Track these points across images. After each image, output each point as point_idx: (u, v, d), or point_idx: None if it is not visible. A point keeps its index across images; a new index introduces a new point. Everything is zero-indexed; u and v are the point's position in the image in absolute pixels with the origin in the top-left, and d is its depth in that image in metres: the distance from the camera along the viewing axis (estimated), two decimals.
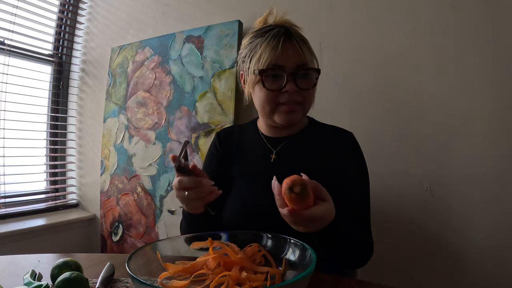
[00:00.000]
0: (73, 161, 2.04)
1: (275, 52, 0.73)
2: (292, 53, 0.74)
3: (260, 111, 0.81)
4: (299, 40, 0.76)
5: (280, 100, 0.75)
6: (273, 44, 0.74)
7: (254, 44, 0.78)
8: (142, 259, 0.53)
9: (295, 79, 0.74)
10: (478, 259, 1.10)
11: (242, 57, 0.82)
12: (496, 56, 1.08)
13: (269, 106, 0.77)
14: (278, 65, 0.74)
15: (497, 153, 1.08)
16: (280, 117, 0.77)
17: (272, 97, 0.75)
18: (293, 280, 0.43)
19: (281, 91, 0.74)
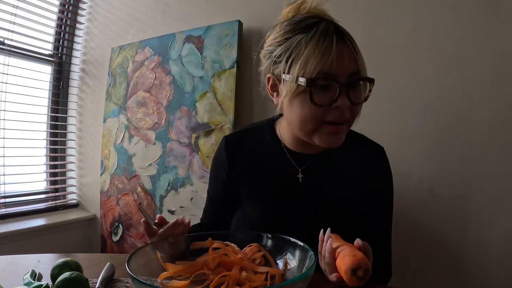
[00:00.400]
0: (73, 161, 2.04)
1: (328, 57, 0.57)
2: (348, 58, 0.59)
3: (297, 127, 0.64)
4: (353, 41, 0.62)
5: (328, 117, 0.60)
6: (325, 45, 0.58)
7: (294, 42, 0.61)
8: (142, 259, 0.53)
9: (348, 91, 0.60)
10: (478, 259, 1.10)
11: (275, 56, 0.64)
12: (496, 56, 1.08)
13: (312, 125, 0.61)
14: (330, 74, 0.58)
15: (497, 153, 1.08)
16: (323, 139, 0.62)
17: (319, 114, 0.60)
18: (293, 280, 0.43)
19: (330, 106, 0.59)
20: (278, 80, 0.65)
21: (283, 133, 0.74)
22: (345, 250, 0.49)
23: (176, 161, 1.56)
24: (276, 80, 0.66)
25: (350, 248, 0.49)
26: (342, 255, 0.48)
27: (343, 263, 0.46)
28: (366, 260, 0.45)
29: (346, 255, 0.47)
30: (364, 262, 0.45)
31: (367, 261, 0.45)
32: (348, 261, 0.45)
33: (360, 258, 0.45)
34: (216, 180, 0.81)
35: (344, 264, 0.45)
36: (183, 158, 1.53)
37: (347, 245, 0.50)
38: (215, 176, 0.81)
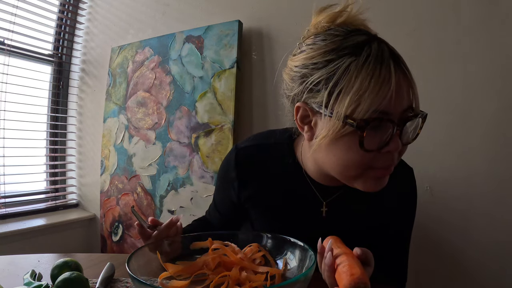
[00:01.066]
0: (73, 161, 2.04)
1: (387, 92, 0.46)
2: (406, 93, 0.49)
3: (335, 171, 0.55)
4: (406, 68, 0.50)
5: (376, 163, 0.51)
6: (382, 76, 0.46)
7: (340, 67, 0.48)
8: (142, 259, 0.53)
9: (401, 131, 0.50)
10: (478, 259, 1.10)
11: (311, 83, 0.51)
12: (496, 56, 1.08)
13: (357, 171, 0.52)
14: (385, 112, 0.47)
15: (497, 153, 1.08)
16: (367, 184, 0.53)
17: (366, 160, 0.50)
18: (293, 280, 0.43)
19: (380, 151, 0.49)
20: (313, 112, 0.53)
21: (305, 160, 0.63)
22: (344, 263, 0.46)
23: (176, 161, 1.56)
24: (309, 111, 0.53)
25: (349, 261, 0.46)
26: (340, 270, 0.46)
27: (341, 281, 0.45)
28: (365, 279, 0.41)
29: (344, 272, 0.44)
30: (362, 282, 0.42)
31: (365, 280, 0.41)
32: (346, 281, 0.43)
33: (357, 277, 0.42)
34: (224, 196, 0.74)
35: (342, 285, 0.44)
36: (183, 158, 1.54)
37: (346, 255, 0.48)
38: (223, 192, 0.74)
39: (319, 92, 0.50)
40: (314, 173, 0.63)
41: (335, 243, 0.52)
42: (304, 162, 0.63)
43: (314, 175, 0.63)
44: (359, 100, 0.46)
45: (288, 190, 0.66)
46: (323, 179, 0.63)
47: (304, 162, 0.63)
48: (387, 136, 0.49)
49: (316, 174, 0.62)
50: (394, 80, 0.46)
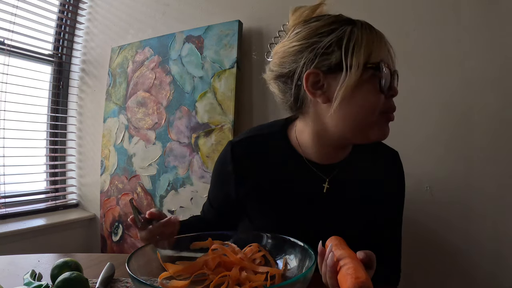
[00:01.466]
0: (73, 161, 2.04)
1: (384, 45, 0.59)
2: (391, 52, 0.61)
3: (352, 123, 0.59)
4: None
5: (386, 106, 0.60)
6: (378, 36, 0.59)
7: (346, 31, 0.58)
8: (142, 259, 0.53)
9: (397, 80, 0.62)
10: (478, 259, 1.10)
11: (322, 47, 0.58)
12: (496, 55, 1.08)
13: (373, 115, 0.59)
14: (386, 63, 0.58)
15: (497, 153, 1.08)
16: (381, 130, 0.60)
17: (382, 103, 0.59)
18: (293, 280, 0.43)
19: (386, 96, 0.60)
20: (325, 74, 0.58)
21: (302, 142, 0.67)
22: (348, 265, 0.46)
23: (176, 161, 1.56)
24: (321, 75, 0.58)
25: (354, 264, 0.46)
26: (344, 273, 0.46)
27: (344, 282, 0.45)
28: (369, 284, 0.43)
29: (349, 275, 0.44)
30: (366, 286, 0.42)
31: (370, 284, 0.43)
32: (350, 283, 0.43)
33: (362, 281, 0.43)
34: (220, 192, 0.75)
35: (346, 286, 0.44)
36: (183, 158, 1.54)
37: (350, 258, 0.48)
38: (219, 187, 0.75)
39: (332, 53, 0.57)
40: (311, 152, 0.66)
41: (339, 244, 0.52)
42: (301, 143, 0.67)
43: (311, 155, 0.67)
44: (370, 49, 0.56)
45: (286, 174, 0.68)
46: (320, 157, 0.66)
47: (301, 144, 0.67)
48: (391, 81, 0.58)
49: (314, 154, 0.66)
50: (385, 40, 0.59)
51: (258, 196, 0.69)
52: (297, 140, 0.68)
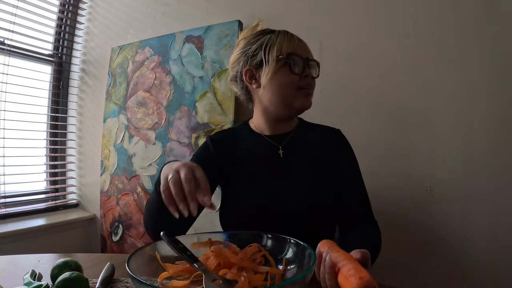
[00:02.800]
0: (73, 161, 2.04)
1: (294, 42, 0.80)
2: (303, 46, 0.82)
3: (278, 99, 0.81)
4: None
5: (301, 83, 0.79)
6: (289, 36, 0.81)
7: (266, 38, 0.81)
8: (142, 259, 0.53)
9: (310, 67, 0.81)
10: (478, 259, 1.10)
11: (252, 51, 0.82)
12: (496, 56, 1.08)
13: (291, 90, 0.79)
14: (297, 54, 0.79)
15: (497, 153, 1.08)
16: (300, 101, 0.80)
17: (296, 81, 0.79)
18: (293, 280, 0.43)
19: (301, 76, 0.79)
20: (255, 69, 0.82)
21: (257, 123, 0.89)
22: (347, 266, 0.46)
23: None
24: (254, 70, 0.83)
25: (353, 265, 0.46)
26: (345, 274, 0.46)
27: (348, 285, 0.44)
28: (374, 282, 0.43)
29: (352, 276, 0.44)
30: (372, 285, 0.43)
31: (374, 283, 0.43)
32: (355, 284, 0.43)
33: (367, 281, 0.43)
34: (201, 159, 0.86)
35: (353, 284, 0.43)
36: (183, 158, 1.53)
37: (347, 259, 0.48)
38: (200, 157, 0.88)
39: (257, 54, 0.82)
40: (264, 128, 0.87)
41: (332, 247, 0.52)
42: (257, 126, 0.89)
43: (265, 130, 0.87)
44: (281, 46, 0.79)
45: (251, 147, 0.87)
46: (271, 130, 0.87)
47: (256, 125, 0.89)
48: (303, 66, 0.80)
49: (266, 128, 0.87)
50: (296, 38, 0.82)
51: (233, 167, 0.86)
52: (253, 124, 0.90)
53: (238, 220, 0.81)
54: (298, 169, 0.83)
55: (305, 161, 0.84)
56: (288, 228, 0.64)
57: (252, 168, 0.85)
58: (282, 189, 0.80)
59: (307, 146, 0.86)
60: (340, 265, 0.48)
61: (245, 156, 0.87)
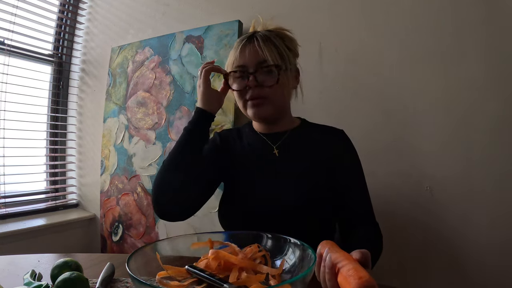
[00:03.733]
0: (73, 161, 2.04)
1: (235, 53, 0.80)
2: (250, 52, 0.79)
3: (241, 109, 0.85)
4: (261, 39, 0.79)
5: (247, 95, 0.80)
6: (236, 48, 0.82)
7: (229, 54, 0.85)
8: (142, 259, 0.53)
9: (256, 76, 0.78)
10: (478, 259, 1.10)
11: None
12: (496, 56, 1.08)
13: (240, 103, 0.83)
14: (241, 66, 0.79)
15: (497, 153, 1.08)
16: (251, 111, 0.81)
17: (240, 95, 0.81)
18: (293, 280, 0.43)
19: (245, 89, 0.80)
20: None
21: (254, 124, 0.92)
22: (347, 267, 0.46)
23: None
24: None
25: (353, 265, 0.46)
26: (345, 275, 0.46)
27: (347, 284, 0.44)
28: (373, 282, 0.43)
29: (351, 276, 0.44)
30: (371, 285, 0.43)
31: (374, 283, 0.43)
32: (355, 284, 0.43)
33: (366, 280, 0.43)
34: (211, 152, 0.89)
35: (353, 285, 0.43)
36: None
37: (347, 260, 0.48)
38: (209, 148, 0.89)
39: None
40: (261, 128, 0.89)
41: (332, 247, 0.52)
42: (254, 126, 0.91)
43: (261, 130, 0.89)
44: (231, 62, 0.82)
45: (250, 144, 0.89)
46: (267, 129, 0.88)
47: (254, 125, 0.91)
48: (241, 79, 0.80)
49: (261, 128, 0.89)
50: (240, 47, 0.80)
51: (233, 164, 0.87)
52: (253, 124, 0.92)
53: (235, 220, 0.82)
54: (293, 169, 0.82)
55: (302, 161, 0.83)
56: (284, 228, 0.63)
57: (249, 167, 0.86)
58: (277, 188, 0.80)
59: (305, 146, 0.85)
60: (340, 265, 0.48)
61: (243, 154, 0.88)
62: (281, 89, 0.80)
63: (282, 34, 0.84)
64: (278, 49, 0.79)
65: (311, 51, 1.34)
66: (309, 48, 1.33)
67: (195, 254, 0.59)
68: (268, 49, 0.78)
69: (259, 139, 0.88)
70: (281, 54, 0.80)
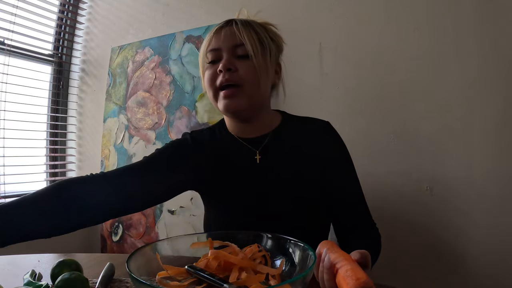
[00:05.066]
0: (73, 161, 2.04)
1: (209, 36, 0.74)
2: (226, 34, 0.72)
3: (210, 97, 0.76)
4: (240, 23, 0.73)
5: (217, 82, 0.71)
6: (211, 32, 0.75)
7: None
8: (142, 259, 0.53)
9: (229, 59, 0.71)
10: (478, 259, 1.10)
11: None
12: (496, 56, 1.08)
13: (210, 91, 0.74)
14: (214, 49, 0.72)
15: (497, 153, 1.08)
16: (221, 103, 0.72)
17: (211, 80, 0.72)
18: (293, 280, 0.43)
19: (217, 73, 0.71)
20: None
21: (228, 126, 0.81)
22: (345, 267, 0.46)
23: None
24: None
25: (351, 266, 0.46)
26: (343, 275, 0.46)
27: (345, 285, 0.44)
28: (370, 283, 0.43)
29: (349, 277, 0.44)
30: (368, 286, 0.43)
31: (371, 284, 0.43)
32: (352, 285, 0.43)
33: (363, 282, 0.43)
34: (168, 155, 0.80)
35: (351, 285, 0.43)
36: None
37: (345, 260, 0.48)
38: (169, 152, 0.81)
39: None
40: (239, 132, 0.79)
41: (332, 248, 0.52)
42: (228, 127, 0.80)
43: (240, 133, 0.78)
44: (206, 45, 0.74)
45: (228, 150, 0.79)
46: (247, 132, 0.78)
47: (229, 128, 0.80)
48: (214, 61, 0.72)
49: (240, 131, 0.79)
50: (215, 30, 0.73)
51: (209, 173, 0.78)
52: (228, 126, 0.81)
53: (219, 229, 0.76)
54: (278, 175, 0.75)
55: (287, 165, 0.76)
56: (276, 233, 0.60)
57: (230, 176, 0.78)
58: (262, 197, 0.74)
59: (289, 147, 0.77)
60: (338, 265, 0.48)
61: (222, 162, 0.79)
62: (257, 77, 0.70)
63: (267, 26, 0.78)
64: (258, 35, 0.73)
65: (311, 51, 1.34)
66: (309, 48, 1.33)
67: (195, 254, 0.59)
68: (246, 32, 0.71)
69: (237, 145, 0.78)
70: (261, 41, 0.73)
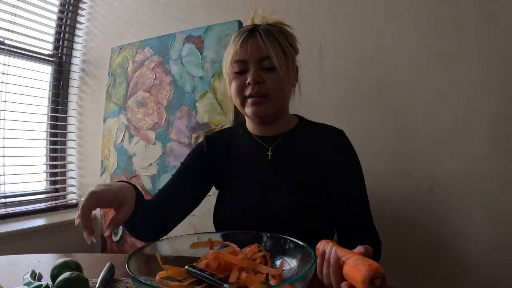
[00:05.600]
0: (73, 161, 2.04)
1: (235, 47, 0.77)
2: (252, 46, 0.76)
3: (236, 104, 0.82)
4: (264, 34, 0.77)
5: (246, 92, 0.77)
6: (236, 41, 0.79)
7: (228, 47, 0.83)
8: (142, 259, 0.53)
9: (257, 72, 0.76)
10: (478, 259, 1.10)
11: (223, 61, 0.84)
12: (496, 56, 1.08)
13: (238, 99, 0.79)
14: (241, 60, 0.77)
15: (497, 153, 1.08)
16: (249, 110, 0.78)
17: (239, 90, 0.78)
18: (293, 280, 0.43)
19: (245, 84, 0.76)
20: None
21: (248, 123, 0.88)
22: (353, 258, 0.47)
23: (176, 161, 1.56)
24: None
25: (359, 256, 0.47)
26: (353, 264, 0.46)
27: (357, 273, 0.45)
28: (382, 269, 0.44)
29: (360, 264, 0.45)
30: (381, 272, 0.44)
31: (383, 270, 0.44)
32: (365, 271, 0.43)
33: (376, 267, 0.44)
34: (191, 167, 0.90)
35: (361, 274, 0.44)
36: (183, 158, 1.53)
37: (352, 253, 0.49)
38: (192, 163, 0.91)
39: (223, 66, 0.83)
40: (255, 130, 0.85)
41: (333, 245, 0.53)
42: (248, 127, 0.88)
43: (256, 131, 0.85)
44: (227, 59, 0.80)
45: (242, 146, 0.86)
46: (262, 131, 0.84)
47: (249, 126, 0.87)
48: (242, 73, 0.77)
49: (257, 129, 0.85)
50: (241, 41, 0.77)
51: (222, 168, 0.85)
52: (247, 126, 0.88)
53: (225, 222, 0.81)
54: (287, 175, 0.79)
55: (297, 166, 0.80)
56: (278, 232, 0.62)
57: (242, 170, 0.83)
58: (269, 192, 0.78)
59: (301, 148, 0.81)
60: (345, 258, 0.49)
61: (236, 157, 0.85)
62: (282, 87, 0.77)
63: (284, 30, 0.82)
64: (281, 45, 0.77)
65: (311, 51, 1.34)
66: (309, 48, 1.33)
67: (195, 254, 0.59)
68: (271, 45, 0.75)
69: (253, 141, 0.85)
70: (284, 51, 0.77)
